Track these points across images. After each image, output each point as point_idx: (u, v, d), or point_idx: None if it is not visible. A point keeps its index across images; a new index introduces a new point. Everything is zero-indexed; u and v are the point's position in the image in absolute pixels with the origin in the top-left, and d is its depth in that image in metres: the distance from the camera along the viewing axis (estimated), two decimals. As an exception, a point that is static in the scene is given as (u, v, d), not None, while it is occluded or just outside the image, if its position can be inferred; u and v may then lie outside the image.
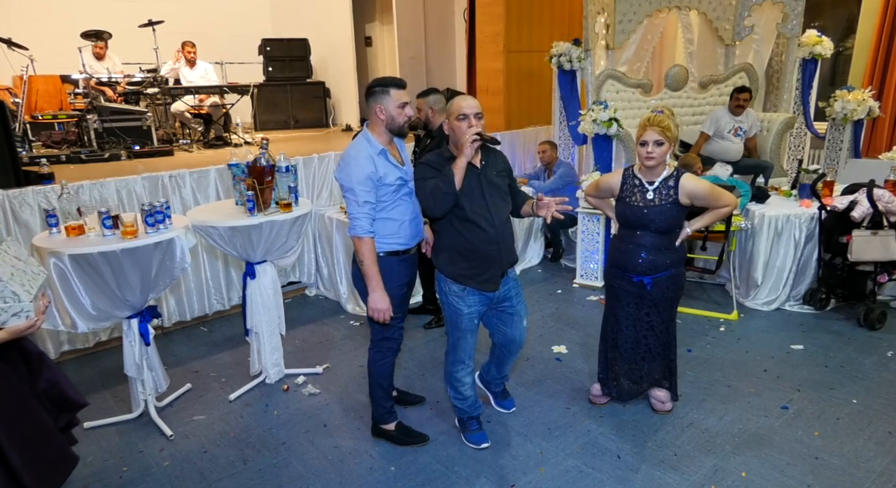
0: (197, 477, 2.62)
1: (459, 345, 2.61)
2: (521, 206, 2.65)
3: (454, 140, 2.42)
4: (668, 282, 2.73)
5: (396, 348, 2.72)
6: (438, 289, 2.60)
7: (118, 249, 2.64)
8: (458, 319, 2.55)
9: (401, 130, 2.50)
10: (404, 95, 2.45)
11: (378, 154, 2.43)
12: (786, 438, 2.76)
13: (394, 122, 2.45)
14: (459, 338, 2.59)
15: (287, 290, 4.73)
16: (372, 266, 2.43)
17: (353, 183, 2.38)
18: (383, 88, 2.43)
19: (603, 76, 5.15)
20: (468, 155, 2.31)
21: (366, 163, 2.38)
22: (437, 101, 3.70)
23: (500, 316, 2.69)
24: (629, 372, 2.93)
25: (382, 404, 2.79)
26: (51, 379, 2.06)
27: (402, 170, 2.53)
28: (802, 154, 5.81)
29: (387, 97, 2.42)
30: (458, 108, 2.37)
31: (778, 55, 5.66)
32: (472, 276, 2.47)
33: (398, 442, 2.80)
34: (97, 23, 6.69)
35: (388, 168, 2.45)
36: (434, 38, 8.22)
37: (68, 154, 5.16)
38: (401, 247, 2.56)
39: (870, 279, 3.88)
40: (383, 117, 2.44)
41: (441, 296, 2.59)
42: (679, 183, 2.61)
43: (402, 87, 2.45)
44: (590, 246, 4.82)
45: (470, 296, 2.51)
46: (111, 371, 3.59)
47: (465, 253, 2.45)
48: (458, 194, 2.35)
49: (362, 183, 2.38)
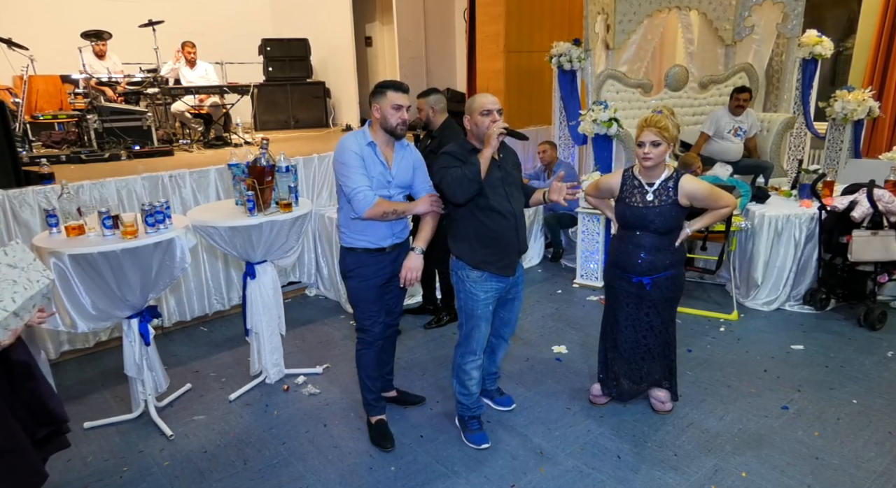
0: (197, 477, 2.62)
1: (473, 335, 2.68)
2: (529, 196, 2.76)
3: (478, 133, 2.54)
4: (667, 283, 2.74)
5: (372, 341, 2.77)
6: (454, 278, 2.67)
7: (118, 249, 2.64)
8: (475, 306, 2.62)
9: (394, 131, 2.56)
10: (400, 98, 2.54)
11: (367, 144, 2.56)
12: (786, 438, 2.76)
13: (386, 121, 2.55)
14: (474, 326, 2.67)
15: (287, 290, 4.73)
16: (401, 204, 2.58)
17: (346, 157, 2.51)
18: (381, 90, 2.56)
19: (603, 76, 5.15)
20: (494, 146, 2.44)
21: (353, 145, 2.54)
22: (438, 100, 3.71)
23: (502, 302, 2.76)
24: (629, 372, 2.93)
25: (365, 395, 2.87)
26: (34, 389, 2.00)
27: (388, 172, 2.60)
28: (802, 154, 5.81)
29: (383, 98, 2.54)
30: (482, 104, 2.51)
31: (778, 55, 5.67)
32: (493, 262, 2.57)
33: (370, 436, 2.86)
34: (97, 23, 6.68)
35: (373, 161, 2.56)
36: (434, 38, 8.22)
37: (68, 154, 5.16)
38: (372, 245, 2.62)
39: (870, 279, 3.88)
40: (378, 116, 2.56)
41: (458, 284, 2.66)
42: (679, 184, 2.62)
43: (399, 90, 2.55)
44: (590, 246, 4.82)
45: (487, 281, 2.60)
46: (111, 371, 3.59)
47: (487, 240, 2.56)
48: (483, 185, 2.45)
49: (353, 158, 2.51)
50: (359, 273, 2.66)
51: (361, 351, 2.79)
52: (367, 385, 2.83)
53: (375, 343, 2.78)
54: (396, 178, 2.62)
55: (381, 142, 2.59)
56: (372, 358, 2.79)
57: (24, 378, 1.99)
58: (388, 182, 2.59)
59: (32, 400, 2.00)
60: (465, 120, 2.60)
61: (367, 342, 2.77)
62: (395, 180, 2.62)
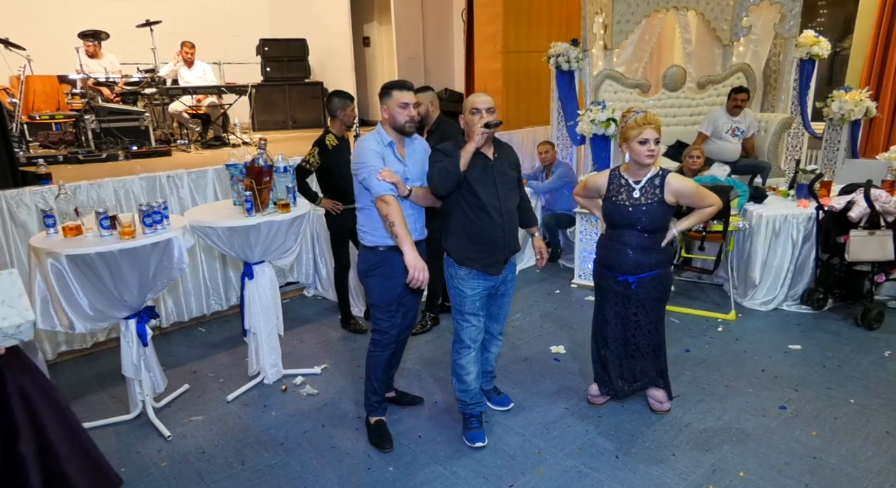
0: (195, 478, 2.62)
1: (464, 330, 2.71)
2: (524, 219, 2.86)
3: (469, 132, 2.57)
4: (653, 283, 2.75)
5: (387, 344, 2.76)
6: (447, 274, 2.72)
7: (116, 250, 2.63)
8: (462, 302, 2.67)
9: (402, 128, 2.60)
10: (406, 96, 2.59)
11: (386, 145, 2.61)
12: (784, 438, 2.77)
13: (394, 120, 2.60)
14: (463, 322, 2.71)
15: (285, 291, 4.73)
16: (401, 226, 2.49)
17: (366, 158, 2.53)
18: (387, 90, 2.62)
19: (601, 76, 5.16)
20: (477, 142, 2.49)
21: (375, 145, 2.58)
22: (434, 97, 3.76)
23: (492, 298, 2.80)
24: (622, 371, 2.95)
25: (368, 396, 2.87)
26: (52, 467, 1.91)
27: (405, 167, 2.65)
28: (800, 154, 5.82)
29: (389, 98, 2.60)
30: (472, 103, 2.57)
31: (775, 55, 5.68)
32: (478, 260, 2.61)
33: (368, 436, 2.86)
34: (95, 23, 6.67)
35: (392, 160, 2.61)
36: (432, 38, 8.22)
37: (66, 154, 5.15)
38: (395, 242, 2.59)
39: (867, 279, 3.89)
40: (387, 116, 2.62)
41: (448, 281, 2.73)
42: (665, 181, 2.65)
43: (404, 88, 2.61)
44: (588, 246, 4.83)
45: (474, 279, 2.64)
46: (109, 371, 3.58)
47: (474, 237, 2.60)
48: (472, 182, 2.53)
49: (374, 158, 2.53)
50: (381, 271, 2.65)
51: (375, 353, 2.77)
52: (373, 386, 2.83)
53: (390, 346, 2.78)
54: (412, 171, 2.67)
55: (396, 141, 2.65)
56: (384, 361, 2.79)
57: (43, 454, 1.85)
58: (406, 179, 2.63)
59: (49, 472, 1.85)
60: (460, 119, 2.66)
61: (382, 345, 2.76)
62: (411, 176, 2.66)
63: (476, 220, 2.57)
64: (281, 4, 8.98)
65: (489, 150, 2.61)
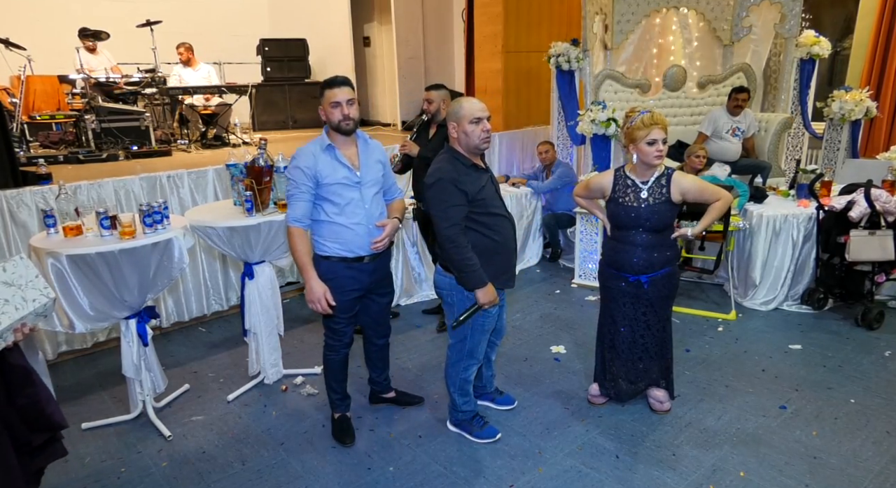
0: (195, 478, 2.62)
1: (479, 345, 2.66)
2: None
3: (467, 143, 2.44)
4: (664, 281, 2.75)
5: (340, 347, 2.76)
6: (456, 295, 2.55)
7: (116, 250, 2.63)
8: (485, 321, 2.60)
9: (338, 128, 2.50)
10: (337, 94, 2.45)
11: (324, 150, 2.50)
12: (784, 438, 2.77)
13: (329, 121, 2.51)
14: (480, 339, 2.65)
15: (285, 291, 4.73)
16: (303, 256, 2.48)
17: (295, 175, 2.49)
18: (321, 90, 2.50)
19: (601, 76, 5.16)
20: None
21: (305, 157, 2.48)
22: (447, 95, 3.79)
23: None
24: (627, 372, 2.94)
25: (329, 394, 2.89)
26: (32, 395, 1.93)
27: (353, 173, 2.52)
28: (800, 154, 5.82)
29: (322, 98, 2.50)
30: (471, 111, 2.41)
31: (776, 55, 5.67)
32: (497, 276, 2.53)
33: (332, 431, 2.89)
34: (95, 23, 6.68)
35: (331, 165, 2.49)
36: (432, 38, 8.21)
37: (66, 154, 5.15)
38: (349, 254, 2.56)
39: (867, 279, 3.89)
40: (323, 117, 2.53)
41: (462, 302, 2.54)
42: (671, 180, 2.65)
43: (333, 86, 2.47)
44: (588, 246, 4.83)
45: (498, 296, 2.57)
46: (109, 371, 3.58)
47: (493, 252, 2.50)
48: (486, 201, 2.45)
49: (302, 177, 2.46)
50: (334, 284, 2.55)
51: (329, 356, 2.79)
52: (331, 386, 2.86)
53: (343, 350, 2.78)
54: (365, 177, 2.54)
55: (340, 143, 2.52)
56: (339, 363, 2.80)
57: (23, 384, 1.96)
58: (356, 183, 2.51)
59: (30, 407, 1.95)
60: (450, 127, 2.44)
61: (336, 348, 2.77)
62: (364, 180, 2.53)
63: (493, 228, 2.48)
64: (281, 4, 8.98)
65: (477, 160, 2.51)
